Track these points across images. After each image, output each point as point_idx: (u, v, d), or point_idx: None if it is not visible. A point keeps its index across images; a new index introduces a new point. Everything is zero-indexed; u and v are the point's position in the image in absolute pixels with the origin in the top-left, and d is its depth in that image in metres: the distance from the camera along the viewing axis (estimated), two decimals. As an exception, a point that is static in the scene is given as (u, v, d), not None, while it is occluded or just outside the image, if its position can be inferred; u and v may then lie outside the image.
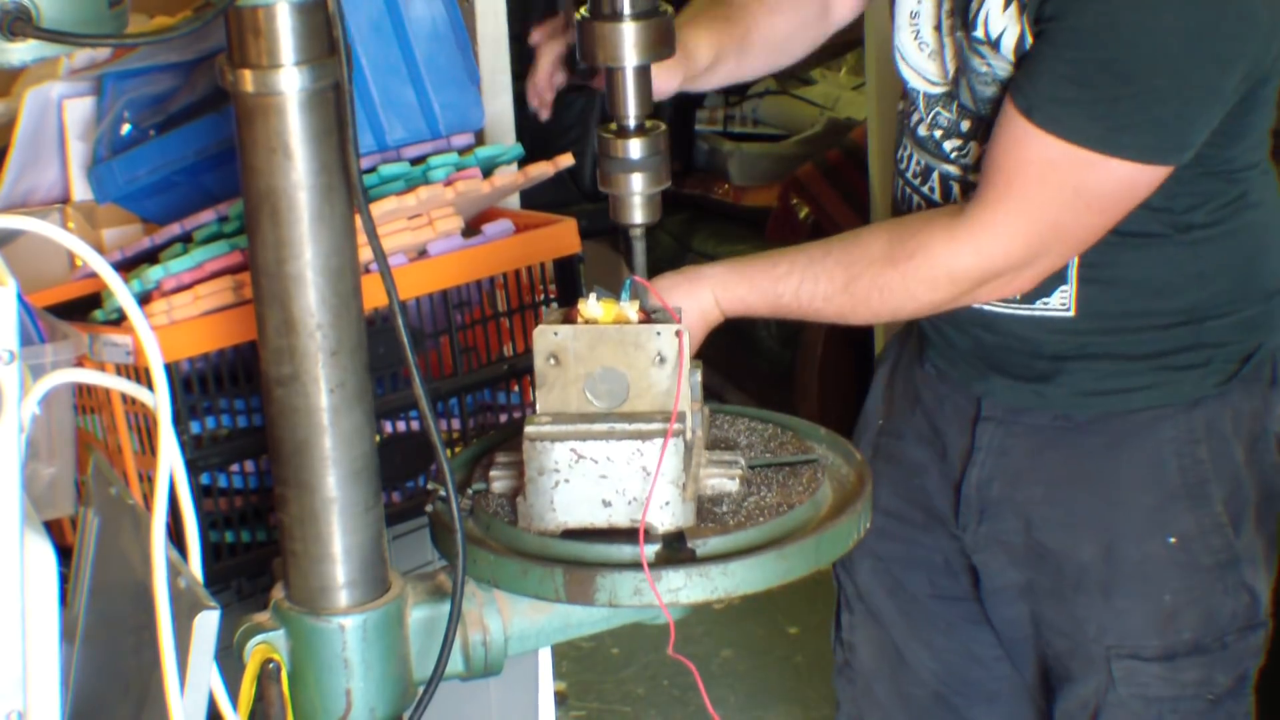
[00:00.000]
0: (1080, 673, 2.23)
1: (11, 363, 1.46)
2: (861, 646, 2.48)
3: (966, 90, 2.13)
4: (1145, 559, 2.18)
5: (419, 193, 2.32)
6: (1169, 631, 2.19)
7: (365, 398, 1.71)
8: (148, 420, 2.17)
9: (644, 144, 1.81)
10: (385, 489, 1.78)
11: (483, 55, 2.95)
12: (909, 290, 2.09)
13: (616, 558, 1.73)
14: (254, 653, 1.71)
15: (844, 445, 1.95)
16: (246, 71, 1.61)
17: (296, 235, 1.64)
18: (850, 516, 1.80)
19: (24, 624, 1.48)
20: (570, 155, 2.56)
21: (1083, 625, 2.22)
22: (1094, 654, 2.21)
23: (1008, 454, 2.24)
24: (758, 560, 1.73)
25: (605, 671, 4.21)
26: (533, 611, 1.80)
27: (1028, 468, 2.23)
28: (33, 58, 1.47)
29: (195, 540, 1.63)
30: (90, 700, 1.70)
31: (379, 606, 1.73)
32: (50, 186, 2.67)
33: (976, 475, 2.26)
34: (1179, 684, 2.19)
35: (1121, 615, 2.19)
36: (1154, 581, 2.19)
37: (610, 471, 1.72)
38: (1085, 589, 2.20)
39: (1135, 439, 2.18)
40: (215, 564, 2.21)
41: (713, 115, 5.97)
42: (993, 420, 2.25)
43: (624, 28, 1.78)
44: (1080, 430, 2.20)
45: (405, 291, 2.31)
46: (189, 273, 2.25)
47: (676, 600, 1.71)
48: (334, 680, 1.72)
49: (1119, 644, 2.20)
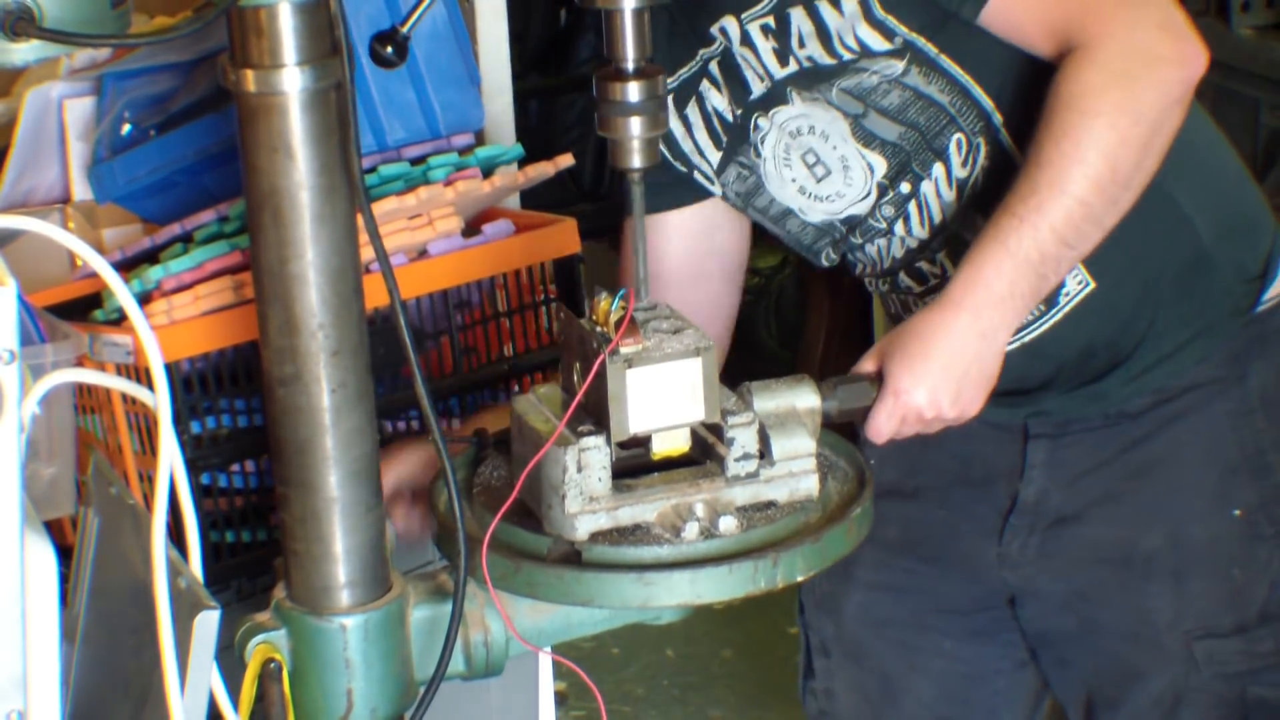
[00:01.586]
0: (1152, 668, 2.21)
1: (11, 363, 1.46)
2: (842, 693, 2.44)
3: (879, 119, 2.09)
4: (1213, 538, 2.17)
5: (419, 193, 2.32)
6: (1239, 605, 2.17)
7: (366, 398, 1.71)
8: (148, 420, 2.17)
9: (642, 87, 1.80)
10: (386, 489, 1.78)
11: (483, 55, 2.94)
12: (1083, 111, 1.94)
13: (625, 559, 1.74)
14: (255, 652, 1.71)
15: (846, 447, 1.95)
16: (248, 71, 1.61)
17: (298, 235, 1.64)
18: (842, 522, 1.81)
19: (24, 624, 1.48)
20: (570, 155, 2.56)
21: (1152, 617, 2.19)
22: (1168, 643, 2.19)
23: (1063, 465, 2.21)
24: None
25: (605, 671, 4.21)
26: (534, 612, 1.80)
27: (1084, 471, 2.20)
28: (35, 58, 1.47)
29: (195, 540, 1.63)
30: (90, 700, 1.70)
31: (380, 606, 1.73)
32: (50, 186, 2.67)
33: (1034, 492, 2.23)
34: (1256, 655, 2.18)
35: (1195, 598, 2.18)
36: (1223, 559, 2.17)
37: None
38: (1155, 577, 2.18)
39: (1190, 419, 2.16)
40: (215, 564, 2.21)
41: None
42: (1044, 437, 2.21)
43: None
44: (1134, 422, 2.17)
45: (405, 291, 2.30)
46: (189, 273, 2.25)
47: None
48: (335, 680, 1.72)
49: (1195, 627, 2.18)
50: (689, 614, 1.79)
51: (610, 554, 1.74)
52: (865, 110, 2.09)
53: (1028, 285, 1.96)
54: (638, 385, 1.75)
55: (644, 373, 1.75)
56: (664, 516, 1.76)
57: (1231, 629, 2.18)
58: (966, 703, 2.39)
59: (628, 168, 1.82)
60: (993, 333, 1.96)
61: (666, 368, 1.76)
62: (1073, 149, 1.93)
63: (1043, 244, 1.95)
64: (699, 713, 4.09)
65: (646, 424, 1.76)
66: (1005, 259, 1.95)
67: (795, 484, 1.80)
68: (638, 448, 1.79)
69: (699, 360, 1.77)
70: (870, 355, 2.00)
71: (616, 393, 1.74)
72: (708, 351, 1.77)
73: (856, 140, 2.11)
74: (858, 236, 2.20)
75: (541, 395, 1.84)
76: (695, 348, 1.77)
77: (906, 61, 2.05)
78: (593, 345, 1.76)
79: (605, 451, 1.74)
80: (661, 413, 1.77)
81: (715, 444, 1.80)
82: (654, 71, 1.81)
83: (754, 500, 1.79)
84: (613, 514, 1.76)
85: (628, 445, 1.77)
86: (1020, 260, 1.95)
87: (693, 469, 1.80)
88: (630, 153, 1.82)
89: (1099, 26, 1.96)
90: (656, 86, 1.80)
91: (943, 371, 1.95)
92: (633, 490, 1.77)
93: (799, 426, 1.82)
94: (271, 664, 1.71)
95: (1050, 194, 1.94)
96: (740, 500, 1.79)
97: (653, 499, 1.76)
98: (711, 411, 1.78)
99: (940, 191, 2.13)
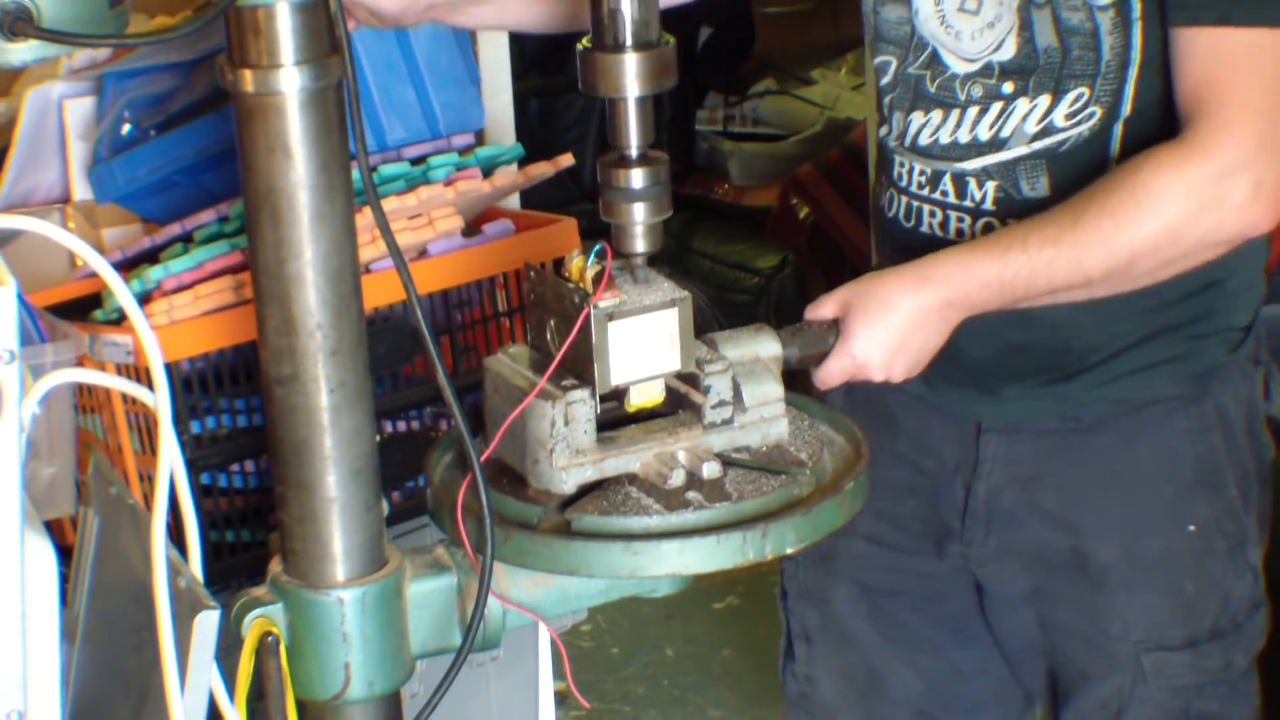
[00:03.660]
0: (1101, 672, 2.22)
1: (11, 363, 1.46)
2: (823, 679, 2.45)
3: (1049, 22, 2.06)
4: (1167, 551, 2.18)
5: (419, 193, 2.32)
6: (1190, 619, 2.18)
7: (365, 397, 1.71)
8: (148, 420, 2.18)
9: (646, 174, 1.83)
10: (385, 489, 1.78)
11: (483, 55, 2.95)
12: (1141, 207, 1.97)
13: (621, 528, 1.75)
14: (252, 626, 1.70)
15: (844, 422, 1.97)
16: (247, 71, 1.61)
17: (297, 235, 1.64)
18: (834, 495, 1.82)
19: (24, 624, 1.49)
20: (570, 155, 2.57)
21: (1105, 625, 2.20)
22: (1118, 651, 2.20)
23: (1016, 462, 2.22)
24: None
25: (605, 671, 4.22)
26: (530, 584, 1.81)
27: (1038, 474, 2.21)
28: (34, 58, 1.47)
29: (195, 540, 1.63)
30: (90, 700, 1.70)
31: (377, 580, 1.72)
32: (50, 186, 2.67)
33: (984, 487, 2.24)
34: (1204, 670, 2.19)
35: (1147, 609, 2.19)
36: (1176, 572, 2.18)
37: None
38: (1108, 588, 2.19)
39: (1149, 434, 2.17)
40: (215, 564, 2.21)
41: (713, 115, 5.98)
42: (995, 431, 2.22)
43: (626, 59, 1.80)
44: (1091, 431, 2.18)
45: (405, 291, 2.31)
46: (189, 273, 2.25)
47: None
48: (332, 653, 1.71)
49: (1146, 638, 2.19)
50: (684, 585, 1.80)
51: (599, 523, 1.75)
52: (1047, 2, 2.07)
53: (999, 304, 2.04)
54: (619, 337, 1.79)
55: (625, 325, 1.79)
56: (648, 466, 1.79)
57: (1181, 643, 2.19)
58: (950, 699, 2.39)
59: (631, 253, 1.84)
60: (953, 318, 2.03)
61: (646, 319, 1.80)
62: (1111, 230, 1.98)
63: (1034, 285, 2.02)
64: (699, 713, 4.09)
65: (628, 375, 1.80)
66: (994, 277, 2.02)
67: (767, 429, 1.85)
68: (613, 401, 1.82)
69: (675, 311, 1.81)
70: (831, 300, 2.04)
71: (599, 345, 1.78)
72: (684, 302, 1.81)
73: (1017, 12, 2.09)
74: (933, 84, 2.17)
75: (514, 354, 1.87)
76: (671, 299, 1.81)
77: (1113, 1, 2.05)
78: (573, 300, 1.79)
79: (590, 404, 1.78)
80: (641, 364, 1.81)
81: (689, 393, 1.84)
82: (657, 158, 1.83)
83: (730, 445, 1.84)
84: (599, 466, 1.79)
85: (606, 398, 1.81)
86: (1006, 283, 2.02)
87: (669, 419, 1.84)
88: (634, 238, 1.84)
89: (1219, 134, 1.98)
90: (660, 173, 1.83)
91: (900, 343, 2.01)
92: (615, 442, 1.80)
93: (766, 373, 1.87)
94: (269, 638, 1.70)
95: (1066, 256, 2.00)
96: (717, 446, 1.83)
97: (635, 450, 1.80)
98: (687, 360, 1.82)
99: (1027, 118, 2.11)
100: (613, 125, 1.83)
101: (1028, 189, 2.12)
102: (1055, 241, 2.00)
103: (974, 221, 2.15)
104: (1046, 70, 2.09)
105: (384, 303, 2.33)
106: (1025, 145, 2.11)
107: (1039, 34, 2.08)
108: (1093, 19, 2.05)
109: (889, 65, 2.22)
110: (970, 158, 2.15)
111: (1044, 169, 2.12)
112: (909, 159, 2.21)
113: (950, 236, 2.17)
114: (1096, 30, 2.05)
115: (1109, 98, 2.08)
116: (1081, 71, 2.07)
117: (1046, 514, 2.21)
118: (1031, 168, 2.12)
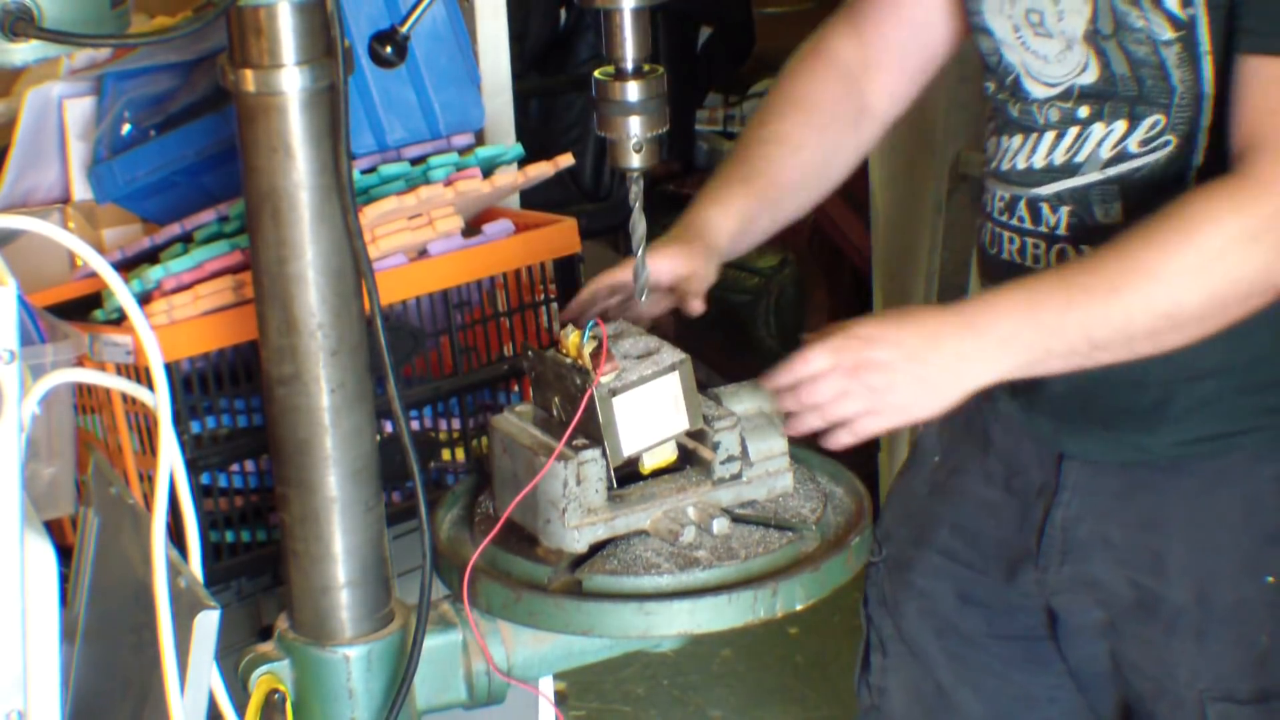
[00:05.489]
0: (1167, 715, 2.17)
1: (11, 363, 1.46)
2: (895, 691, 2.40)
3: (1118, 53, 2.02)
4: (1241, 602, 2.12)
5: (419, 193, 2.32)
6: (1263, 674, 2.12)
7: (366, 397, 1.71)
8: (148, 420, 2.17)
9: (642, 87, 1.81)
10: (385, 488, 1.78)
11: (483, 55, 2.94)
12: (1193, 245, 1.87)
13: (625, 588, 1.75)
14: (259, 683, 1.71)
15: (844, 474, 1.97)
16: (247, 71, 1.61)
17: (298, 235, 1.64)
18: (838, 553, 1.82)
19: (24, 624, 1.49)
20: (570, 155, 2.56)
21: (1173, 669, 2.15)
22: (1185, 698, 2.15)
23: (1096, 493, 2.16)
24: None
25: (605, 671, 4.21)
26: (535, 641, 1.81)
27: (1117, 508, 2.16)
28: (34, 58, 1.47)
29: (195, 540, 1.63)
30: (90, 700, 1.70)
31: (384, 637, 1.73)
32: (50, 186, 2.67)
33: (1062, 515, 2.19)
34: None
35: (1216, 659, 2.13)
36: (1250, 624, 2.12)
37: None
38: (1178, 633, 2.14)
39: (1232, 481, 2.10)
40: (215, 564, 2.21)
41: (713, 115, 5.97)
42: (1078, 460, 2.17)
43: None
44: (1174, 471, 2.12)
45: (405, 291, 2.31)
46: (189, 273, 2.25)
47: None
48: (338, 710, 1.72)
49: (1212, 687, 2.13)
50: (688, 641, 1.80)
51: (611, 584, 1.76)
52: (1113, 34, 2.03)
53: (1031, 355, 1.95)
54: (625, 410, 1.80)
55: (629, 398, 1.80)
56: (658, 523, 1.80)
57: (1250, 696, 2.12)
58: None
59: (627, 168, 1.82)
60: (968, 359, 1.95)
61: (649, 389, 1.81)
62: (1160, 269, 1.90)
63: (1070, 336, 1.94)
64: (699, 713, 4.09)
65: (639, 444, 1.81)
66: (1029, 319, 1.94)
67: (773, 482, 1.86)
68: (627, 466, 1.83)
69: (676, 374, 1.81)
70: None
71: (607, 422, 1.79)
72: (683, 364, 1.82)
73: (1086, 41, 2.05)
74: (1015, 109, 2.14)
75: (520, 413, 1.88)
76: (670, 363, 1.82)
77: (1176, 37, 1.99)
78: (575, 380, 1.79)
79: (602, 464, 1.78)
80: (650, 431, 1.82)
81: (697, 449, 1.85)
82: (654, 71, 1.81)
83: (737, 500, 1.85)
84: (610, 524, 1.79)
85: (621, 466, 1.82)
86: (1040, 328, 1.94)
87: (677, 475, 1.85)
88: (629, 153, 1.82)
89: (1252, 164, 1.91)
90: (656, 86, 1.81)
91: (905, 334, 1.95)
92: (626, 500, 1.81)
93: (769, 426, 1.88)
94: (275, 695, 1.71)
95: (1106, 304, 1.92)
96: (725, 501, 1.84)
97: (645, 507, 1.81)
98: (695, 419, 1.83)
99: (1102, 143, 2.07)
100: (609, 37, 1.81)
101: (1101, 215, 2.07)
102: (1091, 289, 1.92)
103: (1049, 247, 2.11)
104: (1123, 96, 2.05)
105: (383, 302, 2.32)
106: (1099, 171, 2.07)
107: (1113, 61, 2.04)
108: (1157, 54, 2.01)
109: (988, 92, 2.21)
110: (1045, 183, 2.11)
111: (1118, 195, 2.07)
112: (994, 184, 2.19)
113: (1027, 263, 2.12)
114: (1163, 64, 2.01)
115: (1185, 126, 2.02)
116: (1155, 100, 2.03)
117: (1121, 549, 2.16)
118: (1105, 194, 2.07)
